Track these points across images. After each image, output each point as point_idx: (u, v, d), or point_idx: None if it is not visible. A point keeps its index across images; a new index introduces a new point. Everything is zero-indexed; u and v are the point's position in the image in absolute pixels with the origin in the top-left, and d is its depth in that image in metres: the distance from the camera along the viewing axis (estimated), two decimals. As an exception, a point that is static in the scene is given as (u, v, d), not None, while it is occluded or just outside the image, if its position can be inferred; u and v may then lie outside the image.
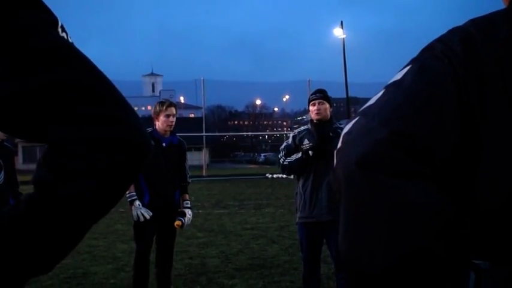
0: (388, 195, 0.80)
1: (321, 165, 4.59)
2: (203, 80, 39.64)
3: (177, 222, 4.87)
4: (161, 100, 5.18)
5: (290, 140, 4.91)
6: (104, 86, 0.83)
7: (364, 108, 0.92)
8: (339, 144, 0.90)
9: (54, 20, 0.85)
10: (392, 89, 0.91)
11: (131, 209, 4.82)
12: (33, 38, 0.78)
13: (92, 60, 0.85)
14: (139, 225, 4.82)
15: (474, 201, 0.88)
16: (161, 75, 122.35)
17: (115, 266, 7.21)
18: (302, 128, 4.94)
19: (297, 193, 4.82)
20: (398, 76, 0.92)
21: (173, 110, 4.98)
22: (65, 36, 0.86)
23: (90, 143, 0.79)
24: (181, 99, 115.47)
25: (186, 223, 4.97)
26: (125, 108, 0.84)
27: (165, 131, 4.95)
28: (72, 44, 0.85)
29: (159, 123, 4.93)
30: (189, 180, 5.24)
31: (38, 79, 0.77)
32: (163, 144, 4.92)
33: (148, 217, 4.74)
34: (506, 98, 0.84)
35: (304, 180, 4.71)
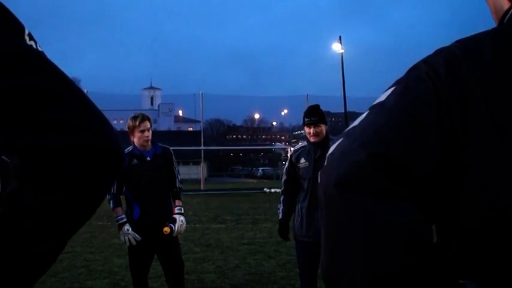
0: (364, 216, 0.82)
1: (317, 182, 4.58)
2: (202, 93, 39.73)
3: (166, 229, 4.74)
4: (134, 115, 4.98)
5: (287, 163, 4.97)
6: (72, 92, 0.81)
7: (348, 129, 0.94)
8: (324, 165, 0.91)
9: (20, 28, 0.84)
10: (375, 110, 0.93)
11: (119, 233, 4.78)
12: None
13: (60, 67, 0.84)
14: (134, 247, 4.77)
15: (458, 221, 0.89)
16: (160, 89, 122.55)
17: (111, 280, 7.19)
18: (299, 145, 4.93)
19: (295, 210, 4.83)
20: (383, 97, 0.93)
21: (147, 124, 4.83)
22: (33, 45, 0.85)
23: (57, 151, 0.76)
24: (180, 112, 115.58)
25: (176, 229, 4.81)
26: (95, 114, 0.82)
27: (144, 146, 4.86)
28: (39, 51, 0.84)
29: (136, 139, 4.84)
30: (180, 185, 5.10)
31: (1, 84, 0.75)
32: (148, 158, 4.85)
33: (134, 243, 4.69)
34: (489, 120, 0.85)
35: (302, 198, 4.72)
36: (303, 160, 4.74)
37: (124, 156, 0.86)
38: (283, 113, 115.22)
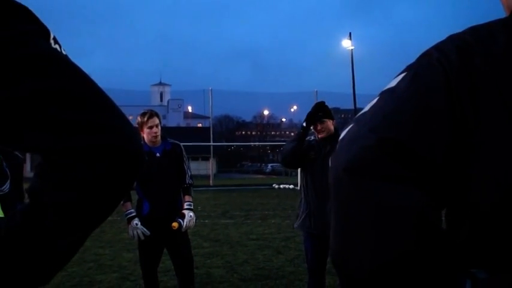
0: (373, 199, 0.82)
1: (327, 179, 4.58)
2: (211, 90, 39.72)
3: (174, 224, 4.75)
4: (143, 111, 4.99)
5: None
6: (94, 94, 0.82)
7: (359, 115, 0.94)
8: (335, 151, 0.92)
9: (45, 31, 0.85)
10: (386, 96, 0.93)
11: (128, 227, 4.80)
12: (20, 48, 0.78)
13: (83, 70, 0.85)
14: (143, 242, 4.80)
15: (468, 205, 0.89)
16: (169, 85, 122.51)
17: (121, 274, 7.23)
18: (311, 137, 4.93)
19: (301, 201, 4.82)
20: (393, 83, 0.94)
21: (155, 120, 4.84)
22: (58, 48, 0.86)
23: (79, 151, 0.78)
24: (189, 108, 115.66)
25: (185, 225, 4.81)
26: (116, 115, 0.83)
27: (153, 142, 4.87)
28: (63, 54, 0.85)
29: (145, 135, 4.84)
30: (190, 181, 5.09)
31: (24, 88, 0.76)
32: (157, 155, 4.85)
33: (142, 237, 4.71)
34: (501, 105, 0.85)
35: (310, 191, 4.71)
36: (312, 153, 4.74)
37: (144, 157, 0.87)
38: (292, 110, 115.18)
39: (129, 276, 7.10)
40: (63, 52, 0.87)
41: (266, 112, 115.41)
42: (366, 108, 0.94)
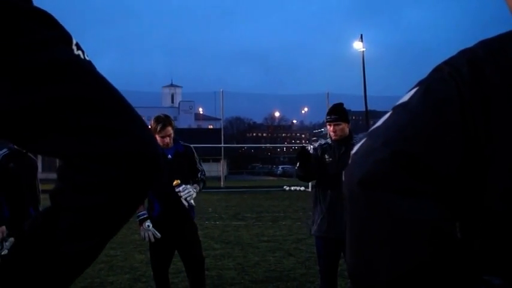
0: (388, 213, 0.83)
1: (341, 182, 4.58)
2: (222, 91, 39.80)
3: (177, 181, 4.74)
4: (158, 117, 4.93)
5: (312, 150, 4.92)
6: (113, 99, 0.83)
7: (372, 129, 0.95)
8: (348, 165, 0.93)
9: (67, 37, 0.85)
10: (399, 110, 0.94)
11: (140, 229, 4.80)
12: (40, 54, 0.78)
13: (104, 75, 0.85)
14: (155, 244, 4.81)
15: (482, 215, 0.89)
16: (180, 87, 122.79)
17: (132, 276, 7.26)
18: (323, 141, 4.94)
19: (316, 206, 4.81)
20: (406, 98, 0.94)
21: (168, 131, 4.82)
22: (81, 54, 0.86)
23: (99, 157, 0.78)
24: (200, 110, 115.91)
25: (184, 189, 4.75)
26: (136, 122, 0.84)
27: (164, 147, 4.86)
28: (85, 60, 0.86)
29: (158, 140, 4.83)
30: (202, 176, 5.07)
31: (44, 93, 0.77)
32: (169, 156, 4.86)
33: (153, 239, 4.72)
34: None
35: (324, 194, 4.70)
36: (327, 156, 4.74)
37: (162, 161, 0.87)
38: (303, 111, 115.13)
39: (141, 277, 7.13)
40: (87, 58, 0.87)
41: (277, 114, 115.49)
42: (379, 123, 0.95)
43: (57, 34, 0.84)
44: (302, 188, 30.48)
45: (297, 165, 4.84)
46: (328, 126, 4.79)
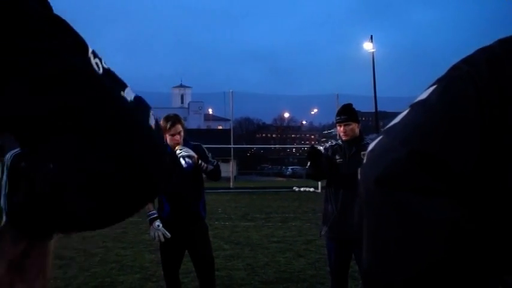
0: (405, 212, 0.82)
1: (353, 182, 4.58)
2: (232, 92, 39.77)
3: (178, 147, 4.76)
4: (167, 116, 4.94)
5: (322, 151, 4.92)
6: (117, 115, 0.83)
7: (388, 127, 0.95)
8: (363, 162, 0.92)
9: (82, 45, 0.86)
10: (417, 108, 0.93)
11: (150, 229, 4.82)
12: (51, 61, 0.79)
13: (108, 87, 0.85)
14: (165, 244, 4.82)
15: (500, 214, 0.89)
16: (190, 87, 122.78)
17: (142, 275, 7.27)
18: (334, 142, 4.94)
19: (326, 206, 4.81)
20: (424, 95, 0.94)
21: (178, 128, 4.83)
22: (98, 62, 0.87)
23: (106, 176, 0.81)
24: (210, 111, 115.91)
25: (182, 149, 4.74)
26: (135, 143, 0.84)
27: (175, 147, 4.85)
28: (93, 71, 0.86)
29: (167, 140, 4.82)
30: (214, 163, 5.02)
31: (50, 100, 0.78)
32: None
33: (163, 239, 4.73)
34: None
35: (335, 195, 4.70)
36: (337, 157, 4.74)
37: (159, 192, 0.91)
38: (312, 112, 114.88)
39: (151, 277, 7.14)
40: (104, 65, 0.88)
41: (286, 115, 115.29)
42: (396, 120, 0.94)
43: (71, 42, 0.84)
44: (312, 189, 30.43)
45: (308, 164, 4.84)
46: (338, 127, 4.79)
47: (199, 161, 4.83)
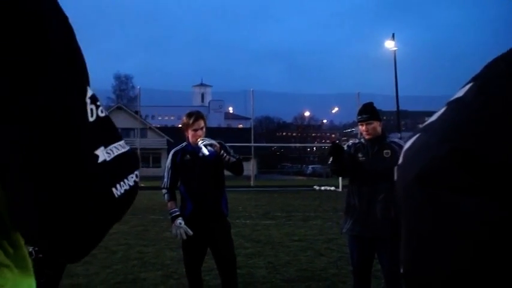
0: (447, 211, 0.80)
1: (376, 180, 4.55)
2: (252, 91, 39.82)
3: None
4: (189, 112, 5.01)
5: (345, 148, 4.88)
6: (69, 173, 0.78)
7: (426, 125, 0.93)
8: (400, 161, 0.91)
9: (82, 88, 0.83)
10: (454, 106, 0.91)
11: (172, 226, 4.83)
12: (48, 96, 0.77)
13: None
14: (187, 241, 4.82)
15: None
16: (210, 86, 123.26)
17: (164, 272, 7.30)
18: (357, 140, 4.91)
19: (349, 204, 4.78)
20: (461, 93, 0.92)
21: (200, 123, 4.86)
22: (94, 109, 0.84)
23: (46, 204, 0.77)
24: (230, 109, 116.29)
25: (204, 139, 4.75)
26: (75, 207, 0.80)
27: (196, 142, 4.85)
28: (83, 122, 0.82)
29: (189, 136, 4.87)
30: (235, 155, 4.95)
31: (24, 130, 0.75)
32: (200, 155, 4.83)
33: (185, 237, 4.73)
34: None
35: (358, 193, 4.67)
36: (360, 155, 4.71)
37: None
38: (333, 111, 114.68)
39: (173, 274, 7.17)
40: (100, 114, 0.85)
41: (307, 113, 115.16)
42: (433, 118, 0.93)
43: (73, 81, 0.81)
44: (332, 188, 30.36)
45: (330, 159, 4.81)
46: (360, 126, 4.76)
47: (222, 151, 4.82)
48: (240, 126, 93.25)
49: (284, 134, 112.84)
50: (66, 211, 0.77)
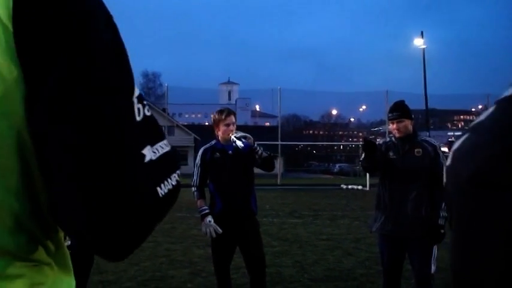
0: (502, 211, 0.77)
1: (407, 179, 4.50)
2: (280, 89, 39.80)
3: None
4: (220, 109, 5.05)
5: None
6: (116, 172, 0.78)
7: (475, 124, 0.89)
8: (448, 161, 0.88)
9: (130, 88, 0.82)
10: (504, 104, 0.88)
11: (201, 224, 4.83)
12: (99, 98, 0.77)
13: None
14: (216, 239, 4.81)
15: None
16: (237, 84, 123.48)
17: (192, 270, 7.32)
18: (388, 138, 4.85)
19: (379, 203, 4.72)
20: (509, 92, 0.89)
21: (232, 119, 4.90)
22: (141, 108, 0.83)
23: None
24: (257, 107, 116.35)
25: (237, 132, 4.78)
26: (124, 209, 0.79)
27: (226, 139, 4.84)
28: (132, 123, 0.81)
29: (220, 133, 4.87)
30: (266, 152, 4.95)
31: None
32: (230, 152, 4.85)
33: (214, 235, 4.72)
34: None
35: (389, 192, 4.61)
36: (391, 153, 4.65)
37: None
38: (361, 109, 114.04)
39: (200, 272, 7.18)
40: (147, 112, 0.84)
41: (334, 111, 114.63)
42: (482, 117, 0.90)
43: (121, 81, 0.81)
44: (359, 187, 30.19)
45: (362, 155, 4.76)
46: (391, 124, 4.70)
47: (255, 144, 4.82)
48: (267, 124, 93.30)
49: (311, 132, 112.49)
50: (114, 211, 0.77)
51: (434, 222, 4.39)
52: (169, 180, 0.86)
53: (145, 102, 0.84)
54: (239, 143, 4.67)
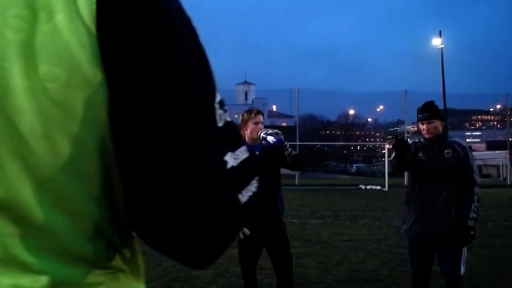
0: None
1: (437, 180, 4.46)
2: (297, 89, 39.71)
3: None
4: (248, 108, 5.09)
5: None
6: (203, 179, 0.76)
7: None
8: None
9: (212, 94, 0.81)
10: None
11: None
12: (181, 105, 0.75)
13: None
14: (243, 240, 4.79)
15: None
16: (254, 84, 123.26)
17: (216, 271, 7.30)
18: (417, 139, 4.81)
19: (408, 204, 4.69)
20: None
21: (261, 118, 4.93)
22: (222, 114, 0.81)
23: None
24: (274, 107, 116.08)
25: (267, 129, 4.80)
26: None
27: (254, 139, 4.85)
28: (215, 123, 0.80)
29: (248, 132, 4.84)
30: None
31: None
32: (257, 153, 4.82)
33: (242, 236, 4.68)
34: None
35: (419, 193, 4.58)
36: (420, 154, 4.62)
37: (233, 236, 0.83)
38: (378, 109, 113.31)
39: (224, 273, 7.18)
40: (227, 118, 0.82)
41: (351, 111, 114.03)
42: None
43: (203, 86, 0.80)
44: (378, 187, 30.00)
45: (393, 155, 4.72)
46: (421, 125, 4.66)
47: (285, 142, 4.82)
48: (284, 124, 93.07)
49: (328, 132, 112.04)
50: (196, 219, 0.75)
51: (464, 223, 4.36)
52: (249, 186, 0.85)
53: (226, 108, 0.83)
54: (271, 138, 4.67)
